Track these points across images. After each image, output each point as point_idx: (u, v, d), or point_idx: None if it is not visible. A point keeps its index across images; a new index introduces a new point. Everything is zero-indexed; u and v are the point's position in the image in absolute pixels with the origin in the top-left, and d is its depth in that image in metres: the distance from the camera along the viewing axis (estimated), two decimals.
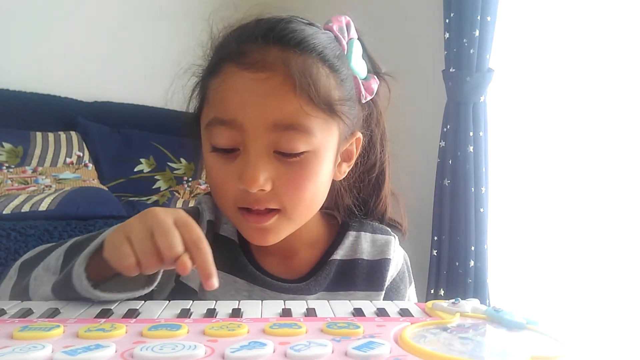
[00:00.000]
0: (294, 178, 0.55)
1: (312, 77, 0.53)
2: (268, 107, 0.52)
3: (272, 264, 0.64)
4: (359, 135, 0.63)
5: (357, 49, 0.62)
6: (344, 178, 0.64)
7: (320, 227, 0.67)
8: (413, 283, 0.73)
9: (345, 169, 0.64)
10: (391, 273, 0.68)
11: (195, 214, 0.65)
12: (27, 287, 0.53)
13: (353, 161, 0.64)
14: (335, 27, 0.60)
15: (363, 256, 0.66)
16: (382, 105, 0.67)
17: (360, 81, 0.61)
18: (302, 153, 0.54)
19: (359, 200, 0.68)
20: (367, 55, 0.65)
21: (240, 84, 0.53)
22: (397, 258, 0.69)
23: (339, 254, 0.65)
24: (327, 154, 0.57)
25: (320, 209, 0.63)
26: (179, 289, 0.59)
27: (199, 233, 0.46)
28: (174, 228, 0.45)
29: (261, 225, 0.56)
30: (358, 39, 0.63)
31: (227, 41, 0.57)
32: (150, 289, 0.49)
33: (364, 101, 0.62)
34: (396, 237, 0.70)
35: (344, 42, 0.60)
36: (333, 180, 0.62)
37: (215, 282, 0.44)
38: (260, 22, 0.56)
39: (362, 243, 0.67)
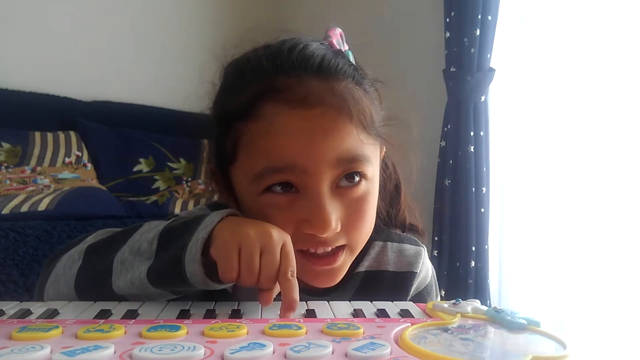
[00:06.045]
0: (358, 211, 0.53)
1: (361, 103, 0.51)
2: (330, 144, 0.49)
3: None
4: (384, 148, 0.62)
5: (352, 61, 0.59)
6: None
7: None
8: (439, 298, 0.72)
9: None
10: (417, 285, 0.67)
11: None
12: (107, 272, 0.50)
13: None
14: (334, 42, 0.56)
15: (388, 267, 0.65)
16: None
17: None
18: (360, 183, 0.53)
19: (381, 210, 0.66)
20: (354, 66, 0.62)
21: (294, 126, 0.49)
22: (425, 271, 0.68)
23: (364, 265, 0.64)
24: (377, 177, 0.56)
25: None
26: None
27: (294, 266, 0.46)
28: (279, 258, 0.45)
29: (332, 266, 0.54)
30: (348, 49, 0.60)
31: (253, 76, 0.51)
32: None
33: None
34: (425, 248, 0.68)
35: None
36: None
37: (291, 315, 0.44)
38: (291, 50, 0.51)
39: (388, 253, 0.65)
